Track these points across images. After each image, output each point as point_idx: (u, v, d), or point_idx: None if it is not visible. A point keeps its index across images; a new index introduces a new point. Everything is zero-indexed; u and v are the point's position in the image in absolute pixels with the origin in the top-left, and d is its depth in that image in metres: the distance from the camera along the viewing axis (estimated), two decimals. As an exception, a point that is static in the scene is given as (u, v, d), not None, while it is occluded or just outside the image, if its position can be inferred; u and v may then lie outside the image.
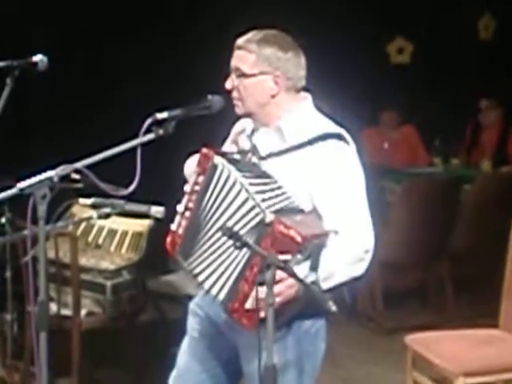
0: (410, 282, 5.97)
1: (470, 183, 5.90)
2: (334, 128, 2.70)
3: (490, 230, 5.59)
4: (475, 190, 5.88)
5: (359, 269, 2.61)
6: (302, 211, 2.55)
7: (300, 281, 2.30)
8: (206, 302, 2.81)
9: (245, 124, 2.83)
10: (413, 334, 4.06)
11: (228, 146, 2.86)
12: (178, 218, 2.75)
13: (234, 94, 2.71)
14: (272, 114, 2.71)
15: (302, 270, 2.45)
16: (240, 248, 2.34)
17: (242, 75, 2.68)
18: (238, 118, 2.82)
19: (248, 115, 2.75)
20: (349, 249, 2.57)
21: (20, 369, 4.30)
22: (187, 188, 2.73)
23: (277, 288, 2.36)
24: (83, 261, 4.25)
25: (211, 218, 2.62)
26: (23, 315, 4.17)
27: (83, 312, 4.23)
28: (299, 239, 2.39)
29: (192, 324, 2.87)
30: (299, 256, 2.42)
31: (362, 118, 6.51)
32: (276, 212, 2.47)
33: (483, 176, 6.34)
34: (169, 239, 2.77)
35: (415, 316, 5.65)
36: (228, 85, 2.71)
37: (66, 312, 4.18)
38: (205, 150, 2.69)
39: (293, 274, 2.30)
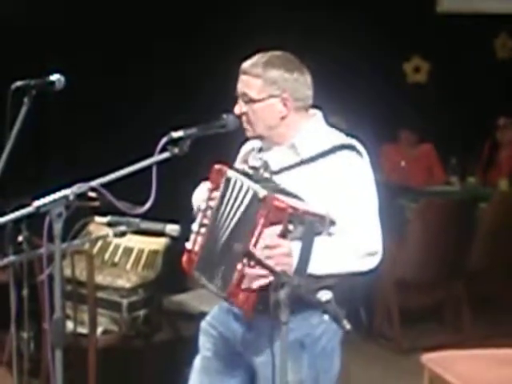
0: (427, 301, 5.93)
1: (486, 202, 5.86)
2: (347, 140, 2.70)
3: (506, 249, 5.56)
4: (492, 208, 5.84)
5: (361, 266, 2.60)
6: (303, 200, 2.56)
7: (314, 299, 2.30)
8: (220, 320, 2.81)
9: (253, 144, 2.84)
10: (430, 354, 4.03)
11: (238, 165, 2.86)
12: (193, 236, 2.76)
13: (244, 119, 2.70)
14: (284, 134, 2.72)
15: (295, 247, 2.47)
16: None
17: (250, 101, 2.67)
18: (247, 138, 2.82)
19: (259, 138, 2.76)
20: (351, 244, 2.57)
21: (36, 387, 4.31)
22: (198, 217, 2.73)
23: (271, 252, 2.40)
24: (99, 279, 4.26)
25: (227, 228, 2.63)
26: (40, 333, 4.18)
27: (99, 330, 4.24)
28: (289, 209, 2.43)
29: (204, 343, 2.86)
30: (290, 227, 2.44)
31: (379, 136, 6.51)
32: (273, 191, 2.50)
33: (500, 195, 6.31)
34: (185, 258, 2.78)
35: (432, 335, 5.60)
36: (237, 110, 2.70)
37: (82, 330, 4.19)
38: (217, 166, 2.71)
39: (305, 293, 2.30)
